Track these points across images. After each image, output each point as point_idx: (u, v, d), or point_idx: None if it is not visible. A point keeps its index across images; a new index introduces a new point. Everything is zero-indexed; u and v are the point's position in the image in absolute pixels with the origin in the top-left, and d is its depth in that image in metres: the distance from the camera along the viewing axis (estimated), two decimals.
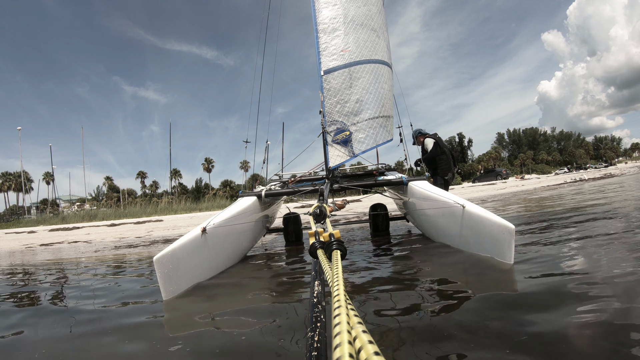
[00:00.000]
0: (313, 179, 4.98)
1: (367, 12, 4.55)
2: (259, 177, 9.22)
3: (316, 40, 4.46)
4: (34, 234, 16.17)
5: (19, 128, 39.15)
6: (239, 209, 3.56)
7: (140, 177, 54.16)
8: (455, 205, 2.94)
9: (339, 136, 4.39)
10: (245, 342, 1.57)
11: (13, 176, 45.16)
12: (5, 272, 4.94)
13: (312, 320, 0.78)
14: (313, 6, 4.53)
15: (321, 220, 1.91)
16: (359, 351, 0.50)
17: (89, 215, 23.88)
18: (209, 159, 55.36)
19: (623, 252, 2.40)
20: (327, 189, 3.53)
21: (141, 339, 1.75)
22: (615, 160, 67.60)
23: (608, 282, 1.82)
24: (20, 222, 26.98)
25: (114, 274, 3.92)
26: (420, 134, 5.68)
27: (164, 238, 8.81)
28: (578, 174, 28.53)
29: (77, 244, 10.12)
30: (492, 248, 2.58)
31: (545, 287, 1.87)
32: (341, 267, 0.93)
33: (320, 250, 1.16)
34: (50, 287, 3.44)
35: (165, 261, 2.44)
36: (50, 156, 50.41)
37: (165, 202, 29.51)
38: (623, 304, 1.53)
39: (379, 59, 4.55)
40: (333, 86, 4.38)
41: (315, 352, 0.65)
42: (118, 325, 2.00)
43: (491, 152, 61.33)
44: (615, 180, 15.14)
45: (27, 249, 9.86)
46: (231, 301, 2.32)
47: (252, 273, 3.22)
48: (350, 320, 0.58)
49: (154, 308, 2.30)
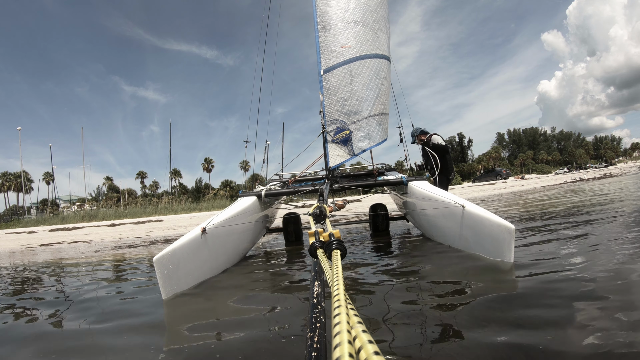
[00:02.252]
0: (313, 179, 4.98)
1: (368, 5, 4.50)
2: (259, 177, 9.22)
3: (316, 37, 4.44)
4: (34, 234, 16.16)
5: (18, 128, 39.17)
6: (239, 209, 3.56)
7: (140, 177, 54.13)
8: (455, 205, 2.94)
9: (339, 135, 4.39)
10: (245, 342, 1.57)
11: (13, 176, 45.14)
12: (5, 272, 4.94)
13: (312, 320, 0.77)
14: (314, 3, 4.51)
15: (321, 220, 1.91)
16: (359, 351, 0.50)
17: (89, 216, 23.88)
18: (209, 159, 55.35)
19: (623, 252, 2.40)
20: (327, 189, 3.53)
21: (141, 339, 1.75)
22: (615, 160, 67.60)
23: (609, 282, 1.82)
24: (20, 222, 26.98)
25: (114, 274, 3.92)
26: (422, 132, 5.57)
27: (164, 238, 8.81)
28: (578, 174, 28.54)
29: (77, 244, 10.12)
30: (492, 248, 2.58)
31: (546, 287, 1.87)
32: (341, 267, 0.93)
33: (320, 250, 1.16)
34: (50, 287, 3.44)
35: (165, 261, 2.44)
36: (50, 156, 50.50)
37: (165, 202, 29.51)
38: (624, 304, 1.53)
39: (379, 53, 4.49)
40: (333, 85, 4.37)
41: (315, 352, 0.65)
42: (117, 325, 2.00)
43: (491, 152, 61.33)
44: (615, 180, 15.14)
45: (27, 249, 9.86)
46: (231, 301, 2.32)
47: (252, 273, 3.21)
48: (350, 320, 0.57)
49: (154, 308, 2.30)
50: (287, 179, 5.33)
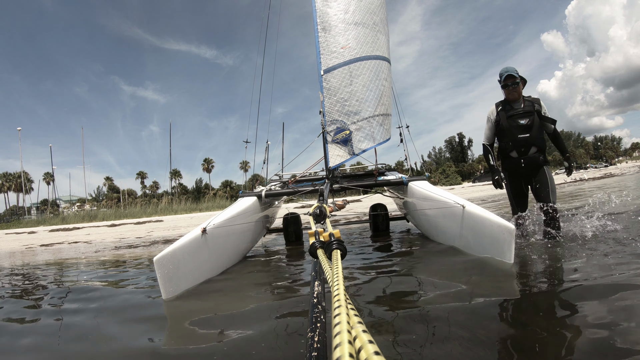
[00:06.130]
0: (313, 179, 4.98)
1: (368, 7, 4.51)
2: (259, 177, 9.22)
3: (316, 38, 4.44)
4: (34, 234, 16.17)
5: (18, 129, 39.27)
6: (239, 209, 3.56)
7: (140, 177, 54.20)
8: (456, 206, 2.94)
9: (339, 135, 4.39)
10: (245, 342, 1.57)
11: (13, 177, 45.18)
12: (5, 273, 4.94)
13: (312, 320, 0.78)
14: (313, 3, 4.51)
15: (321, 221, 1.91)
16: (359, 351, 0.50)
17: (89, 216, 23.90)
18: (209, 159, 55.41)
19: (624, 251, 2.40)
20: (327, 189, 3.53)
21: (141, 339, 1.75)
22: (615, 160, 67.59)
23: (609, 282, 1.82)
24: (21, 222, 27.00)
25: (114, 274, 3.92)
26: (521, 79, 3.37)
27: (164, 238, 8.81)
28: (578, 174, 28.51)
29: (78, 244, 10.12)
30: (492, 248, 2.58)
31: (546, 287, 1.87)
32: (341, 267, 0.93)
33: (320, 250, 1.16)
34: (50, 287, 3.44)
35: (165, 261, 2.44)
36: (50, 156, 50.76)
37: (165, 202, 29.51)
38: (624, 304, 1.53)
39: (379, 54, 4.50)
40: (333, 85, 4.37)
41: (315, 352, 0.65)
42: (117, 325, 2.00)
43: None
44: (614, 180, 15.13)
45: (28, 250, 9.86)
46: (231, 301, 2.32)
47: (252, 273, 3.21)
48: (350, 320, 0.58)
49: (154, 308, 2.30)
50: (287, 179, 5.33)
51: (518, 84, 3.29)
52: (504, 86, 3.34)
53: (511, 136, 3.30)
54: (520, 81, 3.31)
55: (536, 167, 3.32)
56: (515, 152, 3.32)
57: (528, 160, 3.29)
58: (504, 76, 3.31)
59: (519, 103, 3.33)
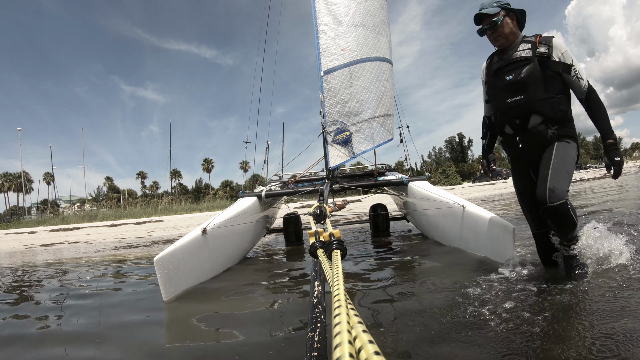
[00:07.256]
0: (313, 179, 4.99)
1: (368, 8, 4.51)
2: (259, 178, 9.23)
3: (316, 40, 4.45)
4: (34, 234, 16.17)
5: (18, 129, 39.27)
6: (239, 210, 3.57)
7: (140, 177, 54.17)
8: (456, 206, 2.95)
9: (339, 136, 4.39)
10: (245, 342, 1.57)
11: (13, 177, 45.18)
12: (5, 273, 4.94)
13: (312, 320, 0.78)
14: (313, 5, 4.52)
15: (321, 220, 1.91)
16: (359, 351, 0.50)
17: (89, 216, 23.89)
18: (209, 159, 55.35)
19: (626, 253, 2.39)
20: (327, 189, 3.53)
21: (141, 340, 1.75)
22: None
23: (609, 282, 1.82)
24: (21, 222, 27.01)
25: (114, 275, 3.92)
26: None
27: (164, 238, 8.81)
28: (578, 174, 28.50)
29: (78, 244, 10.12)
30: (492, 248, 2.58)
31: (546, 288, 1.87)
32: (341, 267, 0.93)
33: (321, 250, 1.16)
34: (49, 287, 3.44)
35: (165, 262, 2.44)
36: (50, 156, 50.74)
37: (166, 202, 29.50)
38: (624, 304, 1.53)
39: (380, 56, 4.51)
40: (333, 86, 4.38)
41: (315, 352, 0.65)
42: (117, 325, 2.00)
43: None
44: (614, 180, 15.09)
45: (28, 250, 9.86)
46: (231, 301, 2.32)
47: (252, 273, 3.22)
48: (350, 320, 0.58)
49: (154, 309, 2.30)
50: (288, 179, 5.33)
51: (497, 24, 2.09)
52: (480, 32, 2.22)
53: (498, 102, 2.17)
54: (504, 17, 2.10)
55: (543, 147, 2.04)
56: (509, 126, 2.14)
57: (528, 138, 2.07)
58: (474, 17, 2.21)
59: (513, 49, 2.14)
